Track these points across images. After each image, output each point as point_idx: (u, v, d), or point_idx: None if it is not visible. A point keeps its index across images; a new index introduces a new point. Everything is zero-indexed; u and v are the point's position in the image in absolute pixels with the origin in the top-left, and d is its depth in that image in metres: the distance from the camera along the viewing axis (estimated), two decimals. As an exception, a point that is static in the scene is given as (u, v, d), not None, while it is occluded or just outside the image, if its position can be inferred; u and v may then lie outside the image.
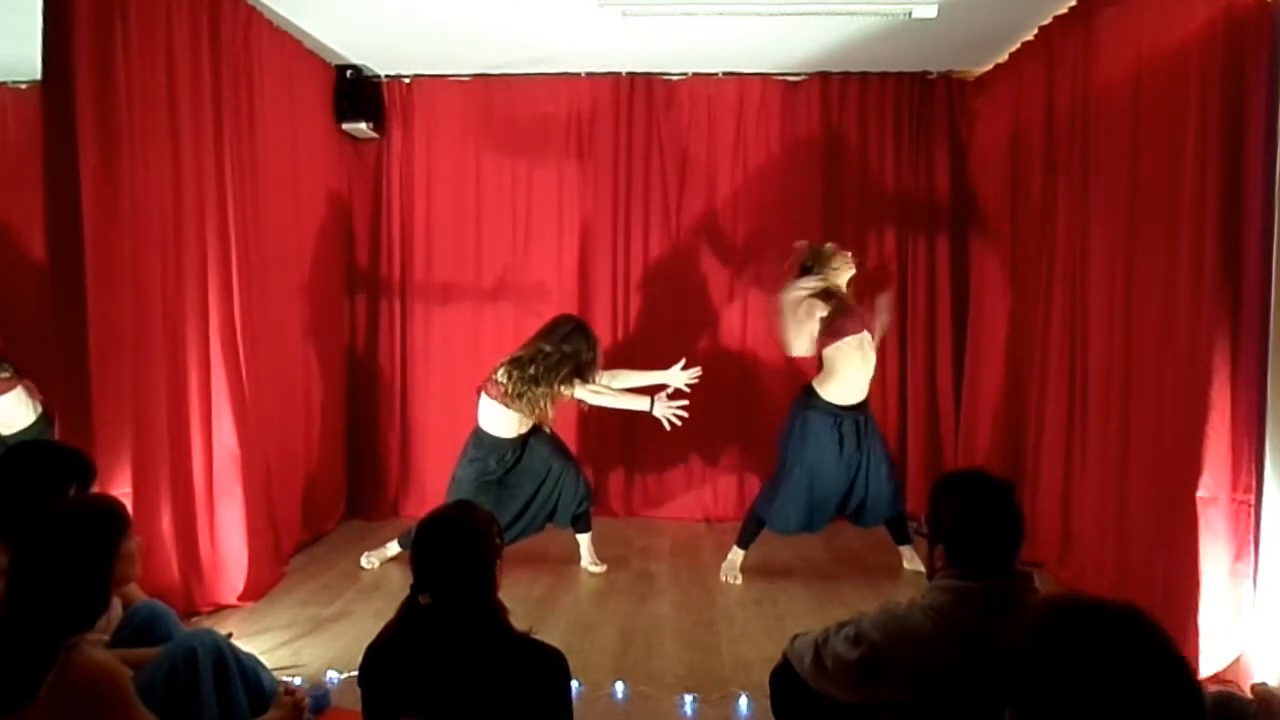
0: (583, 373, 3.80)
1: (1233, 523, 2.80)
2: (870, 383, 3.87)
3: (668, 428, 3.84)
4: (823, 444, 3.78)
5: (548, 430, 4.02)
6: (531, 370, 3.74)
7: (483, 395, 3.87)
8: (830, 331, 3.75)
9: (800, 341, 3.82)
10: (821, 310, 3.77)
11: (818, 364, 3.89)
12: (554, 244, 5.10)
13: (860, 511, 3.93)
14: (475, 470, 3.88)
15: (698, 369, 3.96)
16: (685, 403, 3.82)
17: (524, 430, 3.90)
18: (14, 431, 3.92)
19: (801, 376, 4.16)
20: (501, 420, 3.85)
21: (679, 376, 3.94)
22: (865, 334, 3.81)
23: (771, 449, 4.22)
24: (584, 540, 4.13)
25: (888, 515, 3.96)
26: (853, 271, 3.89)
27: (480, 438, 3.90)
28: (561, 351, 3.77)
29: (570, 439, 4.87)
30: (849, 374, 3.79)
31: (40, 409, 4.00)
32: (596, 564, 4.11)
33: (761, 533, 4.00)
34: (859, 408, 3.84)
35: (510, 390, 3.74)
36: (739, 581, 3.95)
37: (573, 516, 4.02)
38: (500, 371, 3.80)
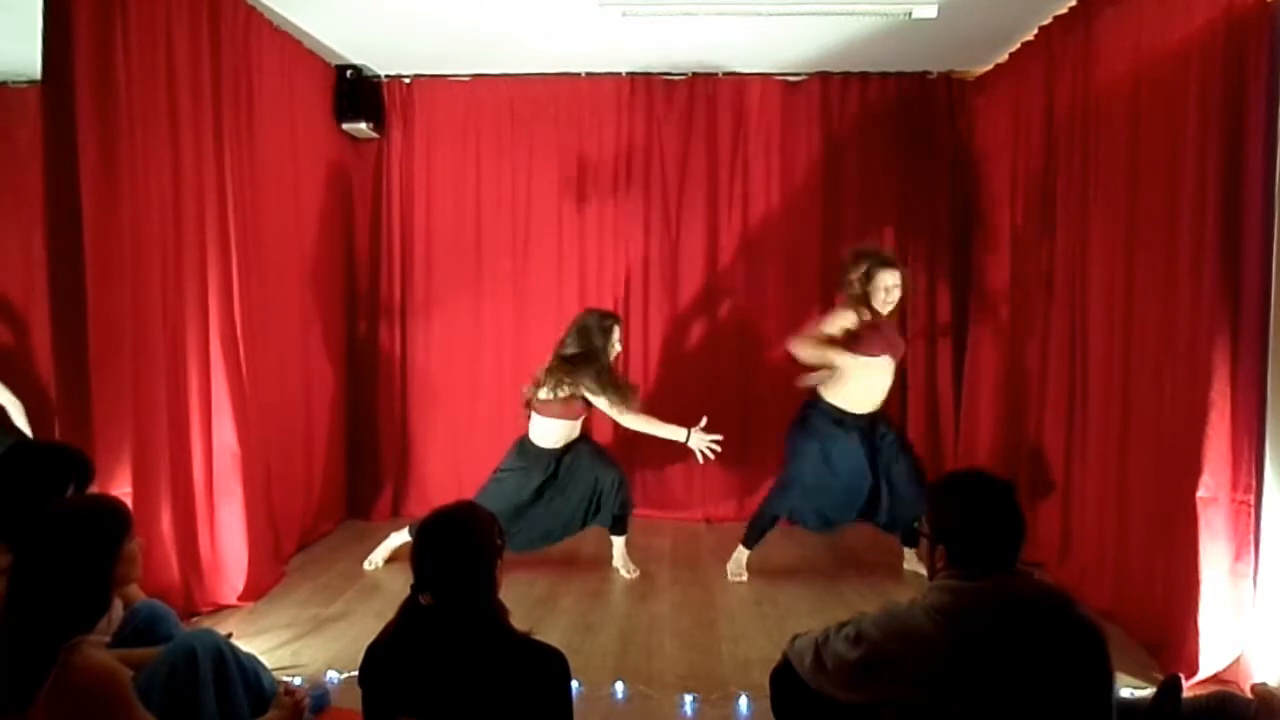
0: (588, 368, 3.79)
1: (1233, 523, 2.79)
2: (885, 397, 3.84)
3: (700, 460, 3.86)
4: (829, 436, 3.76)
5: (587, 432, 4.10)
6: (561, 375, 3.80)
7: (533, 414, 3.90)
8: (852, 346, 3.67)
9: (804, 349, 3.71)
10: (847, 321, 3.71)
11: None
12: (554, 244, 5.10)
13: (889, 518, 3.88)
14: (516, 481, 3.89)
15: (718, 435, 3.81)
16: (720, 437, 3.80)
17: (572, 438, 3.95)
18: None
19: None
20: (553, 433, 3.90)
21: (697, 439, 3.81)
22: (887, 358, 3.75)
23: (773, 448, 4.22)
24: (618, 543, 4.12)
25: (913, 520, 3.89)
26: (895, 295, 3.72)
27: (526, 448, 3.94)
28: (574, 356, 3.83)
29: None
30: (859, 387, 3.75)
31: None
32: (630, 568, 4.09)
33: (766, 535, 4.00)
34: (869, 417, 3.81)
35: (556, 399, 3.79)
36: (744, 579, 3.95)
37: (612, 518, 4.03)
38: (543, 389, 3.83)
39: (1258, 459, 2.76)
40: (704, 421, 3.83)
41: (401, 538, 4.08)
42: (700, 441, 3.80)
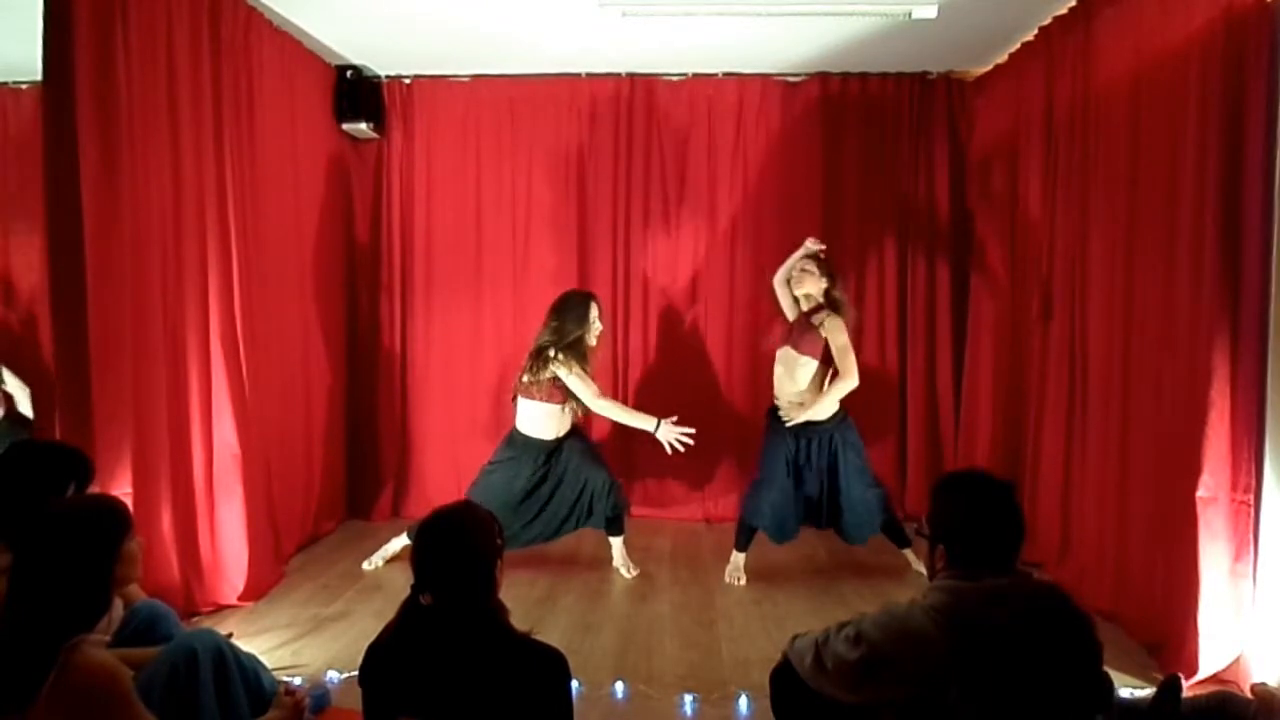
0: (565, 352, 3.79)
1: (1233, 523, 2.80)
2: (797, 396, 3.80)
3: (669, 451, 3.83)
4: (771, 441, 3.90)
5: (582, 430, 4.09)
6: (538, 359, 3.82)
7: (519, 400, 3.92)
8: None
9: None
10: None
11: None
12: (554, 244, 5.10)
13: (839, 526, 3.90)
14: (505, 474, 3.89)
15: (690, 429, 3.79)
16: (691, 430, 3.79)
17: (561, 433, 3.93)
18: None
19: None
20: (538, 420, 3.89)
21: (666, 431, 3.77)
22: (784, 349, 3.89)
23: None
24: (616, 543, 4.13)
25: (871, 531, 3.90)
26: (810, 287, 3.84)
27: (514, 438, 3.94)
28: (549, 338, 3.84)
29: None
30: (775, 380, 3.91)
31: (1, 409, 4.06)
32: (630, 568, 4.10)
33: (756, 535, 4.00)
34: (806, 423, 3.76)
35: (536, 382, 3.81)
36: (743, 582, 3.95)
37: (606, 520, 4.02)
38: (526, 374, 3.86)
39: (1257, 459, 2.77)
40: (675, 417, 3.83)
41: (401, 542, 4.07)
42: (669, 433, 3.78)
